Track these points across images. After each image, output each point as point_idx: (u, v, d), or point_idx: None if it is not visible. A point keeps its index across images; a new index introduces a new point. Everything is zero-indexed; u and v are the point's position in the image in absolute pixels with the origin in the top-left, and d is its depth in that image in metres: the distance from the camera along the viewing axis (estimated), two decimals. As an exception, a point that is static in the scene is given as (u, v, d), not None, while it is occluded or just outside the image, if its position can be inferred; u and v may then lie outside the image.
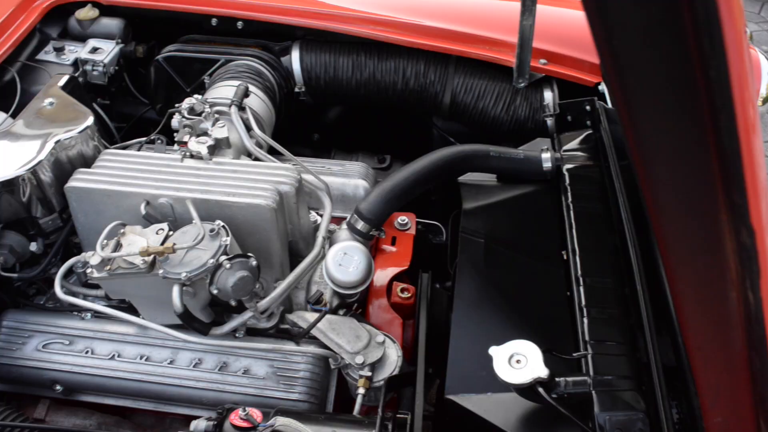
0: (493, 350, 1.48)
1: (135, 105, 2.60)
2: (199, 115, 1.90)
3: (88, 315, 1.79)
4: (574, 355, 1.55)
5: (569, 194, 1.89)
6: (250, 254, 1.56)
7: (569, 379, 1.45)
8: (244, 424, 1.43)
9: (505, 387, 1.48)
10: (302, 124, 2.63)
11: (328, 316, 1.69)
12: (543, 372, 1.41)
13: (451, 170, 2.02)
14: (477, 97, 2.36)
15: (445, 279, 2.25)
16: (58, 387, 1.72)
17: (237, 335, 1.71)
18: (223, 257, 1.53)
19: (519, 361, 1.45)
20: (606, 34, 0.63)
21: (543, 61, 2.31)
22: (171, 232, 1.61)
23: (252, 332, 1.75)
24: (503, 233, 1.90)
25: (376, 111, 2.65)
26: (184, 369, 1.69)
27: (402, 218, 2.10)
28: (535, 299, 1.74)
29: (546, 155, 2.04)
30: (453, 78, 2.37)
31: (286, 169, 1.76)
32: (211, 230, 1.56)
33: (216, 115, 1.92)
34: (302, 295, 1.86)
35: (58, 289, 1.65)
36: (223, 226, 1.58)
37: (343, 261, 1.66)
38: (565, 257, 1.77)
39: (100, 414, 1.77)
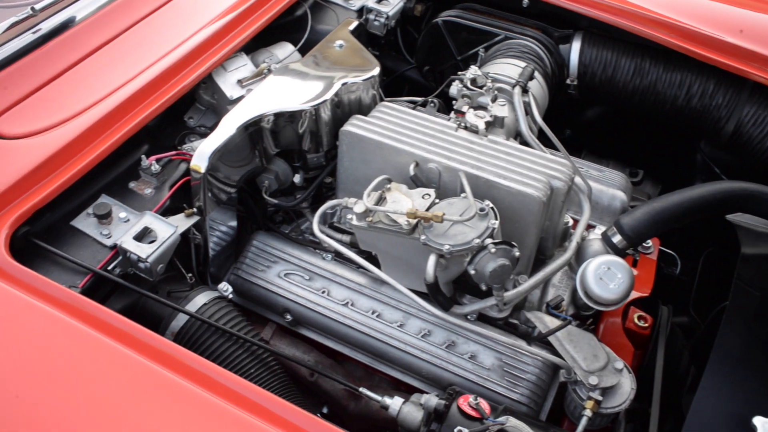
0: (759, 421, 1.34)
1: (397, 61, 2.62)
2: (480, 88, 1.86)
3: (329, 256, 1.84)
4: None
5: None
6: (514, 243, 1.50)
7: (839, 477, 1.28)
8: (473, 413, 1.39)
9: (756, 462, 1.34)
10: (556, 117, 2.52)
11: (568, 327, 1.60)
12: (819, 463, 1.26)
13: (728, 207, 1.83)
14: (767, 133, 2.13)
15: (678, 314, 2.08)
16: (288, 316, 1.78)
17: (468, 317, 1.68)
18: (489, 240, 1.48)
19: (789, 441, 1.30)
20: None
21: None
22: (437, 200, 1.59)
23: (481, 318, 1.71)
24: (781, 291, 1.71)
25: (637, 120, 2.48)
26: (412, 336, 1.68)
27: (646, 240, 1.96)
28: (804, 374, 1.55)
29: (843, 216, 1.79)
30: (744, 106, 2.15)
31: (561, 164, 1.67)
32: (481, 209, 1.52)
33: (495, 92, 1.86)
34: (537, 294, 1.79)
35: (316, 225, 1.69)
36: (492, 208, 1.54)
37: (605, 276, 1.56)
38: None
39: (318, 353, 1.81)
